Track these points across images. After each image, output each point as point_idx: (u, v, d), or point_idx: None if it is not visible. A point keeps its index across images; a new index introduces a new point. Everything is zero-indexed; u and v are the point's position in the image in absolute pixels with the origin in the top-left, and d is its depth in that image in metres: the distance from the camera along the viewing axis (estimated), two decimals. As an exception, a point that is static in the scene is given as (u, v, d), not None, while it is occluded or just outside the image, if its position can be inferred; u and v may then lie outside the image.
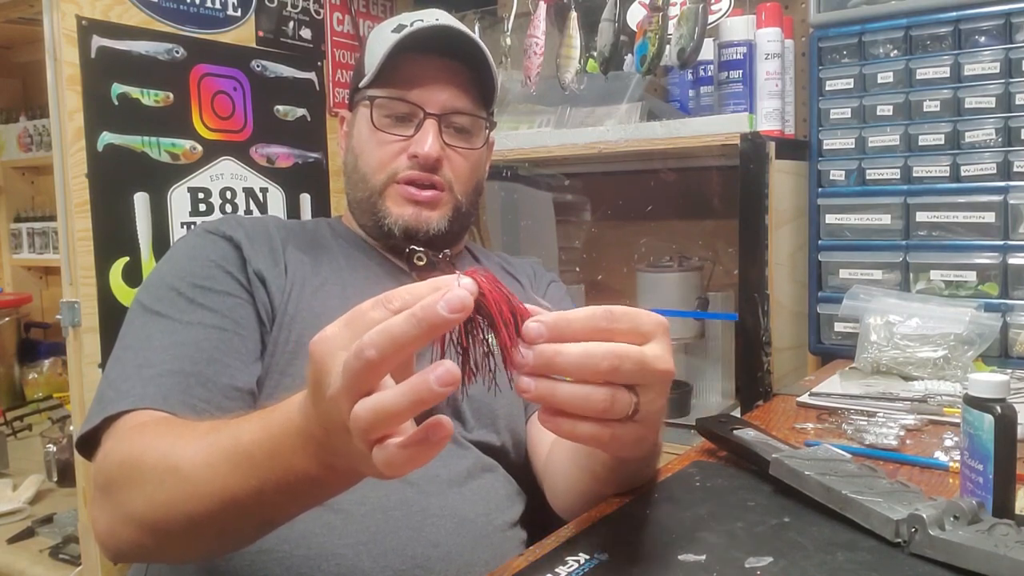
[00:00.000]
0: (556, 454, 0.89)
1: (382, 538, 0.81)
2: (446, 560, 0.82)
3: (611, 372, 0.52)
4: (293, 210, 1.62)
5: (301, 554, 0.78)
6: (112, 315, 1.26)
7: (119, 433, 0.74)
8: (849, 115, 1.42)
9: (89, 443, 0.76)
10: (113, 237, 1.30)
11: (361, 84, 1.01)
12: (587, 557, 0.63)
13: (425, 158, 0.96)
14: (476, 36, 0.99)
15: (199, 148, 1.43)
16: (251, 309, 0.89)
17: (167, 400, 0.77)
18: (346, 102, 1.12)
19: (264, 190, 1.56)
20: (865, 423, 0.98)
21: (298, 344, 0.89)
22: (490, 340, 0.52)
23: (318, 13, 1.67)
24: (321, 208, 1.67)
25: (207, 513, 0.61)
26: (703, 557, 0.62)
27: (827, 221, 1.45)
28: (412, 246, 0.53)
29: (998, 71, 1.29)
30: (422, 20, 0.98)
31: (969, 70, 1.31)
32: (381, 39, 0.99)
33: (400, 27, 0.98)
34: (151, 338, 0.83)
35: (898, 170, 1.38)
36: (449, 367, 0.44)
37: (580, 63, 1.53)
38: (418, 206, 0.98)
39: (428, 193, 0.98)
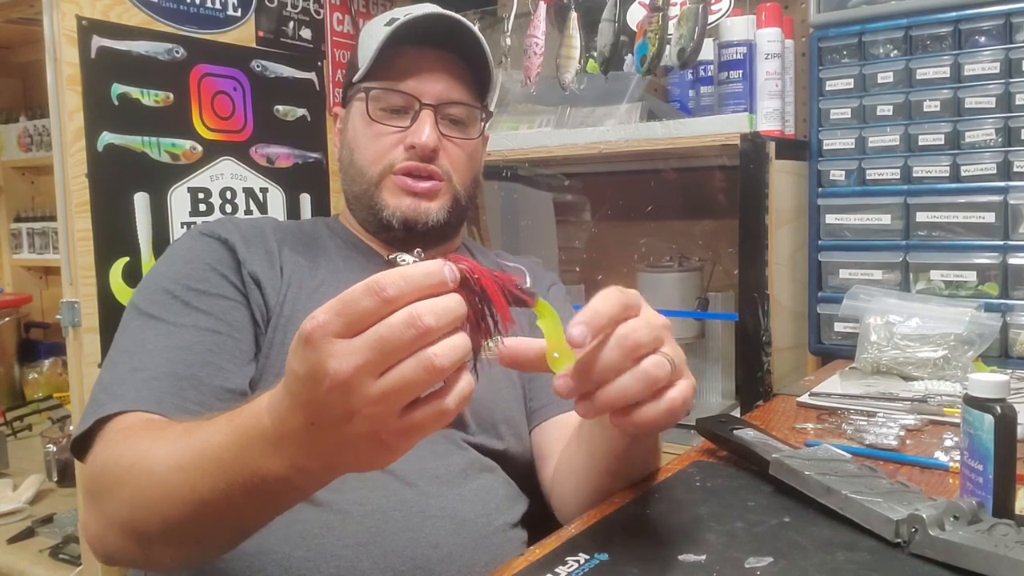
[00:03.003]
0: (566, 461, 0.89)
1: (382, 539, 0.80)
2: (446, 561, 0.82)
3: (636, 343, 0.57)
4: (293, 210, 1.62)
5: (300, 555, 0.78)
6: (112, 315, 1.26)
7: (107, 436, 0.74)
8: (849, 115, 1.42)
9: (83, 446, 0.76)
10: (113, 237, 1.30)
11: (355, 79, 1.00)
12: (587, 557, 0.63)
13: (423, 148, 0.95)
14: (470, 24, 0.98)
15: (199, 148, 1.43)
16: (245, 311, 0.89)
17: (160, 403, 0.76)
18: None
19: (264, 190, 1.56)
20: (865, 423, 0.98)
21: None
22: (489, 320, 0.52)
23: (318, 13, 1.67)
24: (321, 208, 1.67)
25: (181, 517, 0.61)
26: (703, 557, 0.62)
27: (827, 221, 1.45)
28: (394, 254, 0.52)
29: (998, 71, 1.29)
30: (415, 13, 0.97)
31: (969, 70, 1.31)
32: (374, 33, 0.99)
33: (393, 20, 0.97)
34: (145, 341, 0.82)
35: (898, 170, 1.37)
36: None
37: (580, 63, 1.53)
38: (416, 197, 0.97)
39: (426, 184, 0.97)
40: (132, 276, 1.31)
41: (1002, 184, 1.29)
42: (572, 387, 0.57)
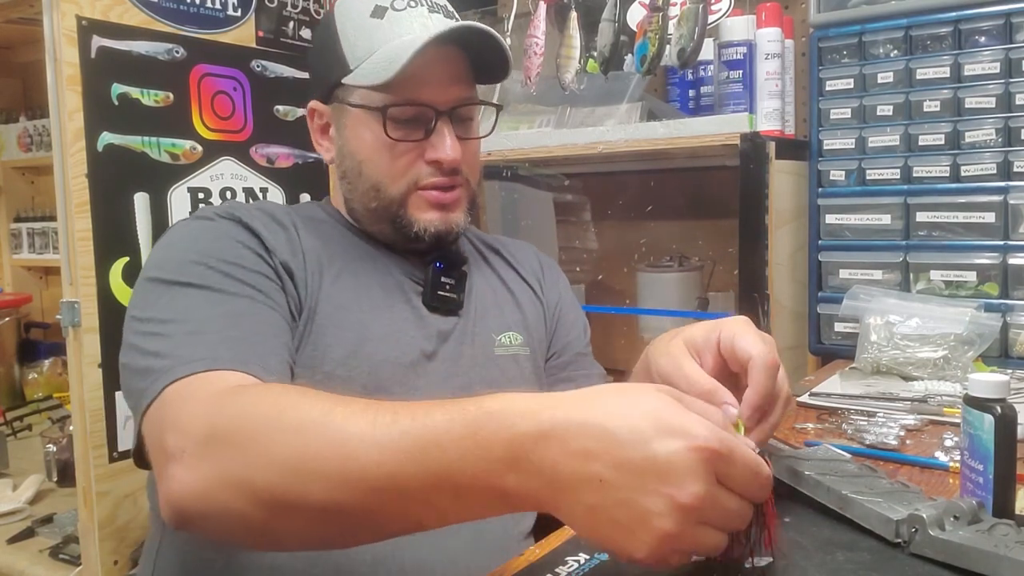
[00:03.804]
0: None
1: (400, 553, 0.78)
2: (465, 574, 0.81)
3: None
4: (293, 210, 1.62)
5: (317, 573, 0.77)
6: (112, 315, 1.26)
7: (216, 389, 0.64)
8: (849, 115, 1.42)
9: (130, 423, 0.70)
10: (113, 237, 1.30)
11: (348, 80, 0.91)
12: (587, 557, 0.63)
13: (450, 164, 0.90)
14: (492, 31, 0.90)
15: (199, 148, 1.43)
16: (284, 297, 0.83)
17: (246, 364, 0.68)
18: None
19: (264, 190, 1.56)
20: (865, 423, 0.98)
21: (319, 337, 0.84)
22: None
23: (318, 13, 1.67)
24: (321, 208, 1.67)
25: (361, 499, 0.54)
26: (703, 557, 0.62)
27: (827, 221, 1.45)
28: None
29: (998, 71, 1.29)
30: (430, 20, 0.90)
31: (969, 70, 1.31)
32: (359, 25, 0.90)
33: (379, 9, 0.89)
34: (194, 307, 0.74)
35: (898, 170, 1.37)
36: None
37: (580, 63, 1.53)
38: (444, 210, 0.92)
39: (453, 194, 0.93)
40: (132, 276, 1.31)
41: (1002, 184, 1.29)
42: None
